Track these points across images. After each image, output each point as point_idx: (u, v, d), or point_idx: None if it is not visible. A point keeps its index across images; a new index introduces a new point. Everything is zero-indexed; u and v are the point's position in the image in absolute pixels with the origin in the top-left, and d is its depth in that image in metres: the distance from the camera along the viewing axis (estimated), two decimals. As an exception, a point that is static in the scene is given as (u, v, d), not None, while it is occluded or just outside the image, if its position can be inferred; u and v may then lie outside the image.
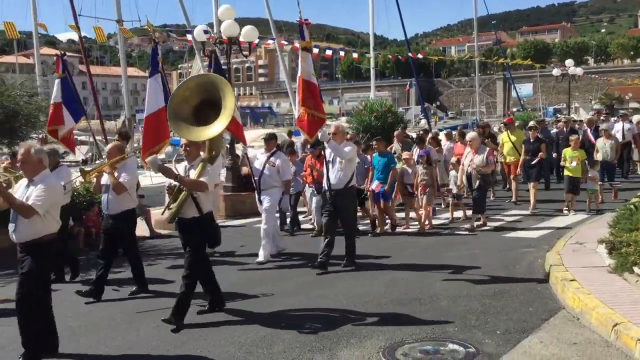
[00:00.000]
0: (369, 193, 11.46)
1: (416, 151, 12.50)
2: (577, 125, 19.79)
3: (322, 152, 9.20)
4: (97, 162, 16.50)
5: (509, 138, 14.29)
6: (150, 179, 20.59)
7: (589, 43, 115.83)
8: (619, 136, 17.27)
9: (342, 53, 31.05)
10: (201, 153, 6.74)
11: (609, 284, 6.52)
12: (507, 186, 15.25)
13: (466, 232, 10.93)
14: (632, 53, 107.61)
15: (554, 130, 18.46)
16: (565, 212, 12.13)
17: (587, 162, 13.06)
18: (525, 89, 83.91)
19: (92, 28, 16.07)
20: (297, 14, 8.63)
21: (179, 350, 5.63)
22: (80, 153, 21.25)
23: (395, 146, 14.51)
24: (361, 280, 7.88)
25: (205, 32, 15.03)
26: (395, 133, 15.61)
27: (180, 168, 6.61)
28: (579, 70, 33.06)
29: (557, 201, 13.29)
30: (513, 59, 51.32)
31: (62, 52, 12.24)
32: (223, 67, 11.79)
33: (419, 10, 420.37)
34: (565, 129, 17.67)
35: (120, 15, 17.28)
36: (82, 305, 7.24)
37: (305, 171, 11.77)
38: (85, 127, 30.53)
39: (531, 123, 15.09)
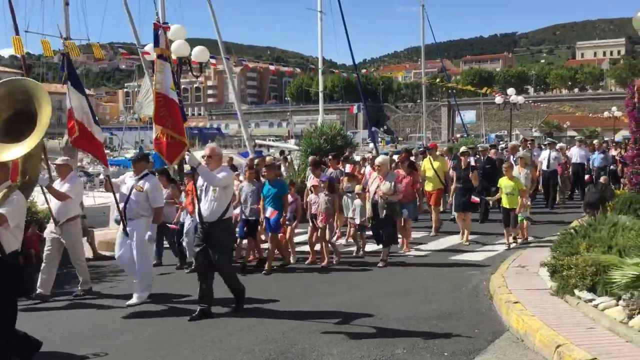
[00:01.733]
0: (262, 223, 10.25)
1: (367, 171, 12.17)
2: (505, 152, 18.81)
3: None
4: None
5: (431, 165, 13.45)
6: (93, 199, 20.09)
7: (529, 73, 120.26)
8: (544, 165, 16.90)
9: (298, 70, 31.00)
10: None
11: (552, 306, 6.69)
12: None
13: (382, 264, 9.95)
14: (569, 83, 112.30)
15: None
16: (505, 248, 11.12)
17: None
18: (468, 115, 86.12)
19: (40, 42, 15.73)
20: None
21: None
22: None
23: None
24: (313, 300, 7.84)
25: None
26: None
27: None
28: (520, 99, 34.24)
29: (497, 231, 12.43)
30: (457, 85, 52.70)
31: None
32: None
33: (367, 36, 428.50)
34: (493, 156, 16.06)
35: (69, 33, 16.90)
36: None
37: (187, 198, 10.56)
38: (52, 147, 29.72)
39: (462, 149, 14.35)
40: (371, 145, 33.23)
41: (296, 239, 11.14)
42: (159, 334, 6.71)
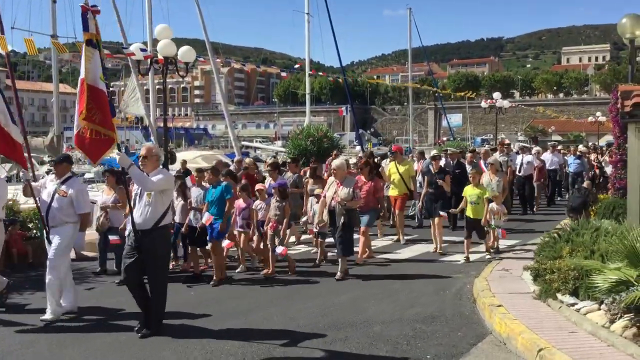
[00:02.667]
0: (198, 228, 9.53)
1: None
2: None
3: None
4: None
5: (397, 169, 12.87)
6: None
7: (515, 77, 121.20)
8: (518, 170, 16.55)
9: (283, 74, 31.05)
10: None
11: (534, 310, 6.73)
12: (392, 222, 13.69)
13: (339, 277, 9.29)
14: (555, 88, 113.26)
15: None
16: (462, 261, 10.33)
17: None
18: (455, 119, 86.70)
19: (24, 40, 15.62)
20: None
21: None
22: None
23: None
24: (298, 303, 7.82)
25: (143, 50, 14.81)
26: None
27: None
28: (506, 103, 34.43)
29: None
30: (444, 90, 52.99)
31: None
32: (158, 86, 11.53)
33: (354, 39, 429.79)
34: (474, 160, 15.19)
35: (56, 31, 16.82)
36: None
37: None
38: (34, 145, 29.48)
39: (433, 152, 14.04)
40: (358, 147, 33.29)
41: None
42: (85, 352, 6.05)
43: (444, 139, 66.01)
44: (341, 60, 32.11)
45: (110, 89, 6.60)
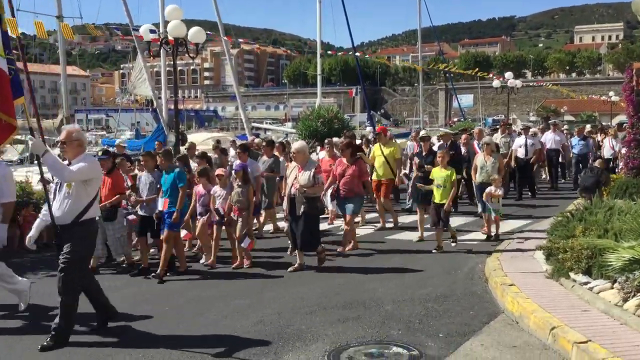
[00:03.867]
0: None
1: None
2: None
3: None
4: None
5: (381, 151, 11.93)
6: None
7: (527, 57, 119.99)
8: (521, 152, 15.45)
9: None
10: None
11: (547, 289, 6.72)
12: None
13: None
14: (567, 67, 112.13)
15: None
16: (434, 251, 9.58)
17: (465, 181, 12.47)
18: (466, 99, 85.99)
19: (33, 23, 15.63)
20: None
21: None
22: (16, 152, 20.48)
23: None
24: (306, 283, 7.86)
25: (152, 32, 14.78)
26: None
27: None
28: (517, 83, 34.17)
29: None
30: (455, 69, 52.57)
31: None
32: (169, 68, 11.53)
33: (365, 19, 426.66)
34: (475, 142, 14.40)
35: (61, 12, 16.77)
36: None
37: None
38: (22, 126, 29.66)
39: (422, 132, 13.11)
40: (369, 128, 33.18)
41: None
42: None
43: (455, 119, 65.58)
44: (353, 41, 31.87)
45: (12, 66, 5.57)
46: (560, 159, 17.87)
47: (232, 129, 56.94)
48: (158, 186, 8.86)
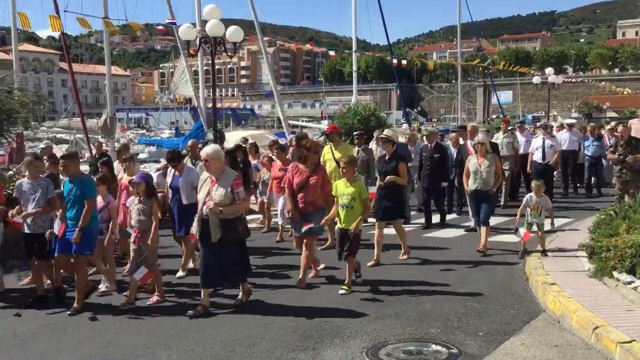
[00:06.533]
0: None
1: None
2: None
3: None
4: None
5: (332, 154, 10.25)
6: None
7: (568, 52, 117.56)
8: (537, 156, 13.53)
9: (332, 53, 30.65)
10: None
11: (589, 288, 6.61)
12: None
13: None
14: (610, 63, 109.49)
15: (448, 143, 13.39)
16: (342, 292, 7.23)
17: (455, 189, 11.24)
18: (505, 96, 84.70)
19: (77, 19, 16.05)
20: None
21: (162, 349, 5.58)
22: (61, 151, 20.98)
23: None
24: (344, 281, 7.86)
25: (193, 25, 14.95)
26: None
27: None
28: (558, 79, 33.56)
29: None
30: (494, 66, 51.84)
31: None
32: (206, 67, 11.48)
33: (401, 16, 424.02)
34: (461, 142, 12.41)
35: (107, 13, 17.16)
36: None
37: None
38: (66, 125, 30.33)
39: (375, 133, 11.56)
40: (404, 125, 32.99)
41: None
42: None
43: (494, 116, 64.70)
44: (389, 38, 31.75)
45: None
46: (577, 161, 15.70)
47: (269, 127, 57.21)
48: (50, 197, 7.30)
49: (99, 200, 7.58)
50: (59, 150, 20.46)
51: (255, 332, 5.95)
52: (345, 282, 7.36)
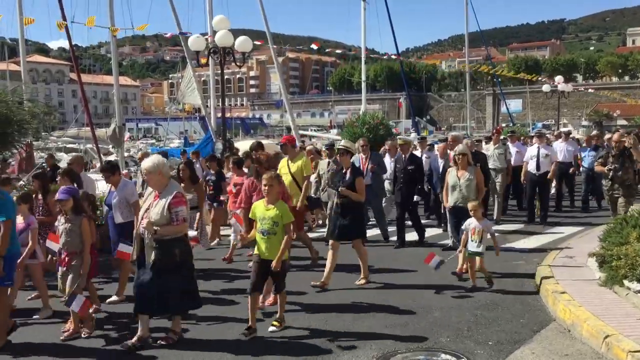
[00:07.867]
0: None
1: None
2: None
3: None
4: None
5: (288, 168, 9.51)
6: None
7: (578, 60, 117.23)
8: (532, 166, 12.38)
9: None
10: None
11: (600, 297, 6.56)
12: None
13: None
14: (620, 71, 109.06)
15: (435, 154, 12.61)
16: (272, 329, 6.21)
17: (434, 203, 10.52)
18: (514, 104, 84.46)
19: (85, 33, 16.42)
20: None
21: None
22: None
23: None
24: (354, 290, 7.86)
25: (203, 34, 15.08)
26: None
27: None
28: (568, 87, 33.47)
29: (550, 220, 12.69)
30: (503, 73, 51.83)
31: None
32: (216, 77, 11.64)
33: (410, 25, 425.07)
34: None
35: (114, 23, 17.34)
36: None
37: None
38: (76, 134, 30.55)
39: (342, 142, 9.19)
40: (413, 134, 32.99)
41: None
42: None
43: (503, 125, 64.48)
44: (397, 47, 31.84)
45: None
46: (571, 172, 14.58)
47: (277, 136, 57.39)
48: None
49: (19, 221, 6.79)
50: (64, 159, 20.63)
51: (263, 343, 5.94)
52: (277, 317, 6.32)
